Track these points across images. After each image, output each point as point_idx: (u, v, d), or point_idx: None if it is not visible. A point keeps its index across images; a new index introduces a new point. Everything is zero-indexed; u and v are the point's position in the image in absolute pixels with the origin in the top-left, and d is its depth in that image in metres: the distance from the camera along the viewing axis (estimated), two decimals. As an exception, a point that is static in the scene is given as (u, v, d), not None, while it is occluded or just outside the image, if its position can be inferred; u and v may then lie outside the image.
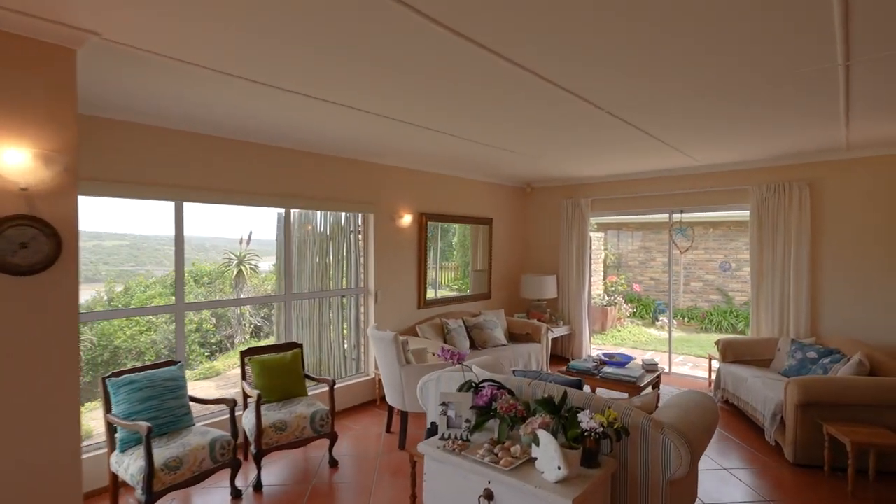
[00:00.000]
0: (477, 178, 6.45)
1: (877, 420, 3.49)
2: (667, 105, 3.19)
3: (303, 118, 3.53)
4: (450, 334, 5.34)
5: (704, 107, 3.23)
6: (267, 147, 4.20)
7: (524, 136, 4.09)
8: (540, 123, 3.67)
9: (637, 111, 3.34)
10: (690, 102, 3.14)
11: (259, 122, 3.64)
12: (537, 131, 3.93)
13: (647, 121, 3.57)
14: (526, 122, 3.65)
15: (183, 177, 3.70)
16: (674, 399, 2.92)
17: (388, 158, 5.13)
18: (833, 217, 4.95)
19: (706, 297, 10.75)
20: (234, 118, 3.52)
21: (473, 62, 2.44)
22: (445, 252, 6.79)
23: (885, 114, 3.47)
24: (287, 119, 3.55)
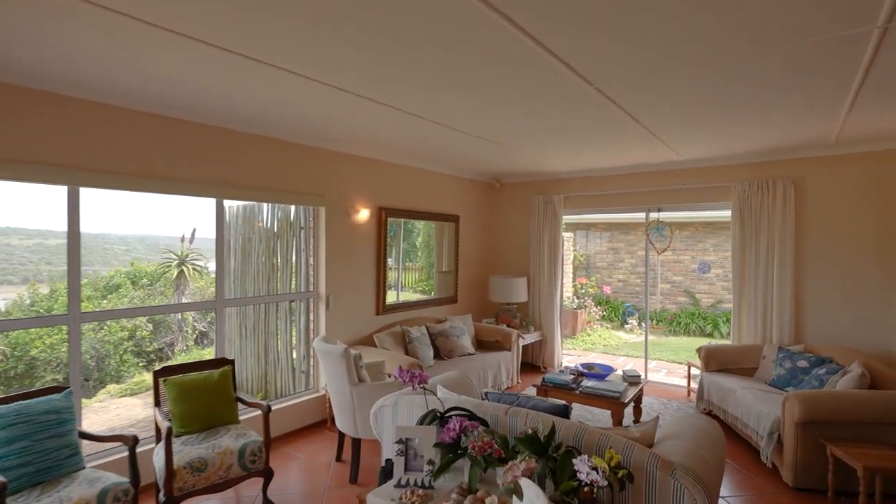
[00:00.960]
0: (443, 170, 5.91)
1: (880, 438, 3.16)
2: (654, 78, 2.74)
3: (237, 86, 2.88)
4: (412, 343, 4.76)
5: (695, 84, 2.80)
6: (193, 125, 3.51)
7: (494, 117, 3.58)
8: (513, 99, 3.16)
9: (621, 84, 2.87)
10: (680, 78, 2.70)
11: (179, 92, 2.97)
12: (510, 111, 3.42)
13: (631, 98, 3.12)
14: (498, 97, 3.13)
15: (78, 156, 2.98)
16: (675, 427, 2.46)
17: (343, 144, 4.52)
18: (818, 216, 4.69)
19: (674, 300, 10.61)
20: (146, 84, 2.84)
21: (438, 17, 1.89)
22: (410, 253, 6.22)
23: (893, 100, 3.16)
24: (216, 87, 2.90)
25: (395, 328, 4.86)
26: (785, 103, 3.19)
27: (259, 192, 3.93)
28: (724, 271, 10.19)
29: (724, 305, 10.08)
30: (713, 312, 9.93)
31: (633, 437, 2.28)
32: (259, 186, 3.94)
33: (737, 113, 3.42)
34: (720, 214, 9.74)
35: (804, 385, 3.81)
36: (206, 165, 3.58)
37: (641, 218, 10.72)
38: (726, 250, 10.19)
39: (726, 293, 10.17)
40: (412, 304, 5.52)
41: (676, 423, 2.53)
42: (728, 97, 3.04)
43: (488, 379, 5.05)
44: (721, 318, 9.60)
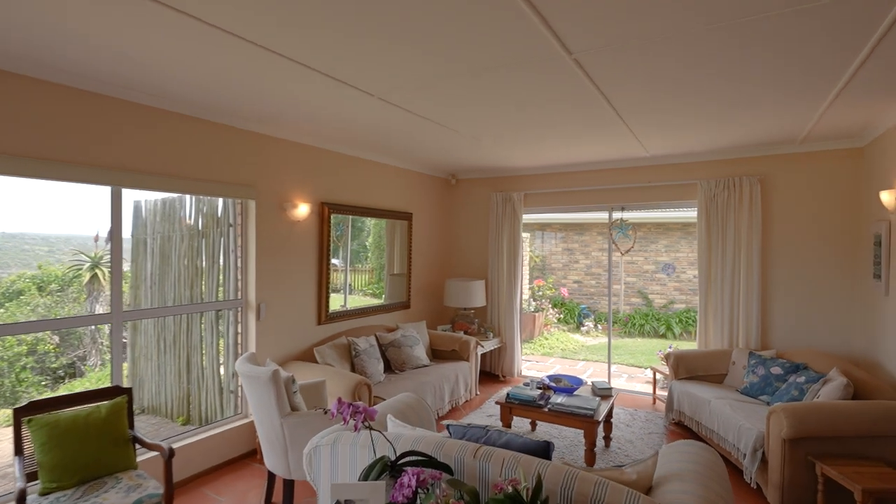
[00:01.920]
0: (395, 163, 5.36)
1: (867, 452, 2.93)
2: (638, 54, 2.36)
3: (133, 42, 2.22)
4: (358, 357, 4.19)
5: (676, 72, 2.44)
6: (86, 95, 2.79)
7: (452, 96, 3.10)
8: (473, 67, 2.69)
9: (605, 57, 2.47)
10: (666, 58, 2.33)
11: (66, 51, 2.27)
12: (469, 85, 2.95)
13: (610, 76, 2.73)
14: (456, 65, 2.64)
15: None
16: (674, 462, 2.06)
17: (277, 127, 3.88)
18: (783, 214, 4.55)
19: (628, 301, 10.57)
20: (24, 39, 2.13)
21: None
22: (360, 253, 5.63)
23: (881, 94, 2.95)
24: (114, 45, 2.23)
25: (340, 339, 4.27)
26: (776, 93, 2.91)
27: (172, 181, 3.23)
28: (674, 273, 10.24)
29: (676, 306, 10.14)
30: (665, 313, 9.95)
31: (628, 482, 1.86)
32: (172, 174, 3.24)
33: (716, 103, 3.11)
34: (672, 216, 9.78)
35: (781, 394, 3.58)
36: (99, 146, 2.86)
37: (596, 218, 10.67)
38: (678, 251, 10.26)
39: (678, 294, 10.24)
40: (359, 312, 4.93)
41: (672, 455, 2.13)
42: (708, 89, 2.71)
43: (445, 394, 4.55)
44: (674, 319, 9.62)
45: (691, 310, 9.88)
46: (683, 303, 10.11)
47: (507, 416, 3.65)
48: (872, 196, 3.90)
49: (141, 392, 4.82)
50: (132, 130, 3.03)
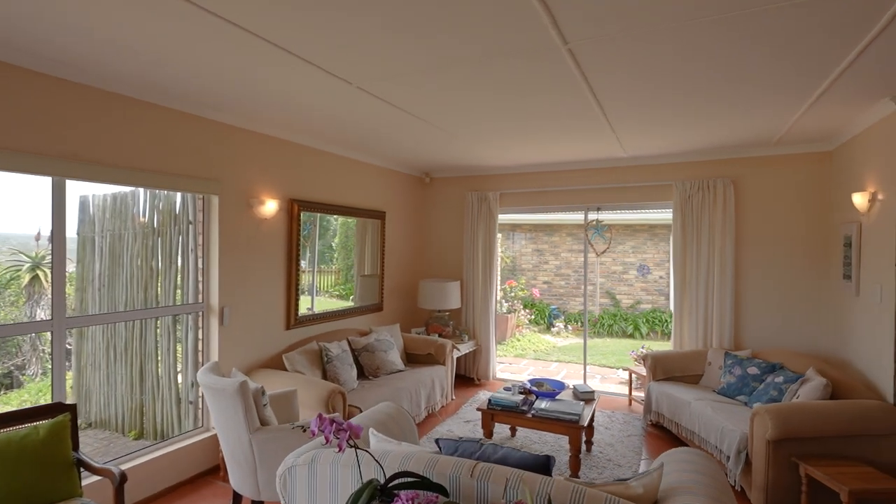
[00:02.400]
0: (368, 160, 5.14)
1: (846, 451, 2.96)
2: (630, 48, 2.27)
3: (86, 19, 1.94)
4: (331, 363, 3.96)
5: (673, 71, 2.38)
6: (20, 72, 2.45)
7: (435, 89, 2.93)
8: (465, 58, 2.54)
9: (595, 47, 2.37)
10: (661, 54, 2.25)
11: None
12: (457, 75, 2.80)
13: (599, 68, 2.64)
14: (446, 54, 2.48)
15: None
16: (678, 472, 1.96)
17: (244, 117, 3.60)
18: (755, 216, 4.62)
19: (595, 301, 10.68)
20: None
21: None
22: (325, 254, 5.37)
23: (860, 97, 2.98)
24: (49, 10, 1.93)
25: (310, 345, 4.02)
26: (752, 95, 2.90)
27: (124, 173, 2.92)
28: (641, 274, 10.42)
29: (643, 306, 10.31)
30: (633, 314, 10.10)
31: (635, 496, 1.74)
32: (124, 165, 2.93)
33: (703, 98, 3.08)
34: (639, 217, 9.93)
35: (760, 394, 3.60)
36: (38, 132, 2.53)
37: (566, 219, 10.73)
38: (644, 252, 10.44)
39: (644, 294, 10.41)
40: (330, 315, 4.68)
41: (673, 465, 2.04)
42: (698, 84, 2.66)
43: (421, 400, 4.38)
44: (641, 319, 9.77)
45: (657, 310, 10.08)
46: (650, 303, 10.30)
47: (488, 423, 3.51)
48: (842, 198, 3.99)
49: (88, 405, 4.40)
50: (77, 115, 2.70)
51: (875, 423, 2.93)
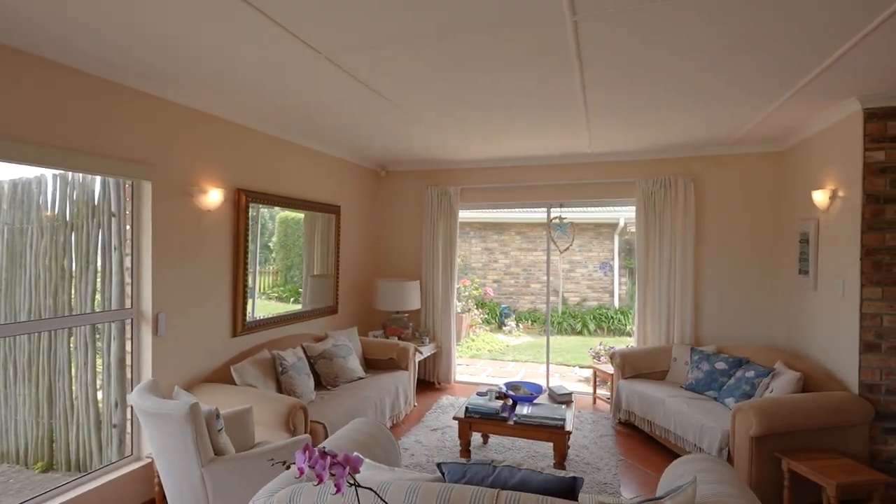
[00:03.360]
0: (322, 148, 4.71)
1: (821, 443, 3.01)
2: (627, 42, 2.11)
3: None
4: (286, 374, 3.52)
5: (667, 60, 2.25)
6: None
7: (411, 59, 2.63)
8: (454, 28, 2.27)
9: (603, 24, 2.19)
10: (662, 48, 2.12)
11: None
12: (438, 49, 2.52)
13: (597, 48, 2.47)
14: (429, 22, 2.20)
15: None
16: (705, 483, 1.80)
17: (185, 90, 3.09)
18: (713, 214, 4.72)
19: (544, 299, 10.76)
20: None
21: None
22: (260, 254, 4.85)
23: (827, 98, 3.04)
24: None
25: (261, 353, 3.56)
26: (730, 90, 2.88)
27: (25, 150, 2.35)
28: (587, 270, 10.64)
29: (589, 303, 10.52)
30: (580, 311, 10.28)
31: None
32: (32, 140, 2.36)
33: (687, 91, 3.01)
34: (585, 216, 10.09)
35: (731, 389, 3.61)
36: None
37: (516, 217, 10.72)
38: (590, 250, 10.66)
39: (590, 291, 10.63)
40: (282, 319, 4.22)
41: (702, 476, 1.88)
42: (687, 74, 2.57)
43: (386, 409, 4.04)
44: (588, 316, 9.95)
45: (603, 306, 10.32)
46: (595, 300, 10.53)
47: (466, 433, 3.25)
48: (797, 197, 4.13)
49: (-23, 435, 3.65)
50: (-35, 73, 2.13)
51: (848, 416, 3.00)
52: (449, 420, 4.42)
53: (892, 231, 3.11)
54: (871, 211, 3.14)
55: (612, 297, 10.53)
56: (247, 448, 2.55)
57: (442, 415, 4.59)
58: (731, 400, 3.52)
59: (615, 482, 3.30)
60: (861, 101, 3.10)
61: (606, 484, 3.27)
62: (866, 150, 3.14)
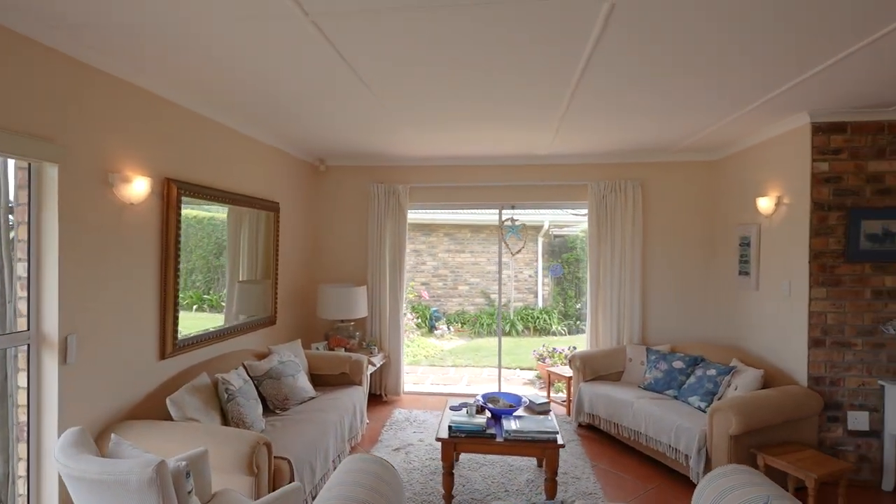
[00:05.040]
0: (258, 135, 4.10)
1: (785, 436, 3.19)
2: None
3: None
4: (233, 401, 2.95)
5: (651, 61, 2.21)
6: None
7: (400, 31, 2.31)
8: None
9: (638, 12, 2.05)
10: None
11: None
12: (432, 20, 2.22)
13: (622, 38, 2.35)
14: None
15: None
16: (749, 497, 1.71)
17: (105, 51, 2.43)
18: (658, 218, 4.91)
19: (472, 301, 10.74)
20: None
21: None
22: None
23: (780, 111, 3.25)
24: None
25: (199, 378, 2.94)
26: (700, 97, 2.98)
27: None
28: (513, 272, 10.81)
29: (515, 304, 10.69)
30: (506, 312, 10.40)
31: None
32: None
33: (661, 95, 3.03)
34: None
35: (693, 387, 3.72)
36: None
37: (444, 219, 10.56)
38: (506, 251, 10.83)
39: (516, 293, 10.81)
40: (215, 336, 3.57)
41: (741, 488, 1.79)
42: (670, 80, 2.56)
43: (345, 432, 3.59)
44: (516, 317, 10.09)
45: (528, 307, 10.54)
46: (521, 301, 10.72)
47: (450, 454, 2.96)
48: (735, 203, 4.42)
49: None
50: None
51: (806, 408, 3.21)
52: (409, 437, 4.09)
53: (835, 236, 3.39)
54: (818, 217, 3.40)
55: (536, 297, 10.81)
56: (205, 503, 2.02)
57: (399, 431, 4.23)
58: (696, 398, 3.62)
59: (597, 491, 3.22)
60: (811, 115, 3.35)
61: (591, 494, 3.17)
62: (814, 161, 3.40)
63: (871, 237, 3.35)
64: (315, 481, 2.97)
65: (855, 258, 3.36)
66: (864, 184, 3.37)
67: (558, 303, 10.41)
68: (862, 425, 3.37)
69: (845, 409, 3.39)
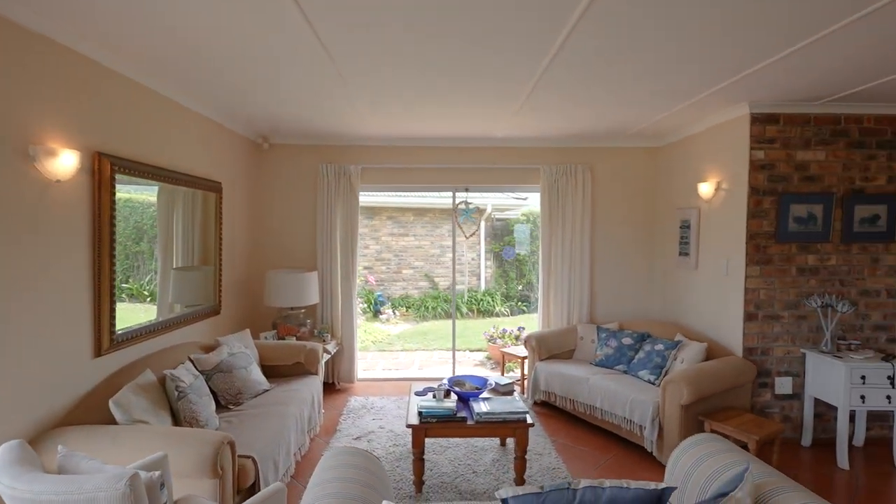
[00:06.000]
0: (198, 108, 3.73)
1: (724, 403, 3.46)
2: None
3: None
4: (185, 399, 2.71)
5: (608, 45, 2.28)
6: None
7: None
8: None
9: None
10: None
11: None
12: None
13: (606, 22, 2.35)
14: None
15: None
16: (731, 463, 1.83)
17: (24, 2, 2.06)
18: (605, 202, 5.11)
19: (416, 285, 10.69)
20: None
21: None
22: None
23: (723, 101, 3.45)
24: None
25: (143, 376, 2.66)
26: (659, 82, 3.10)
27: None
28: (458, 255, 10.86)
29: (458, 287, 10.77)
30: (450, 294, 10.46)
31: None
32: None
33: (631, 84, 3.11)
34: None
35: (643, 362, 3.94)
36: None
37: (386, 202, 10.36)
38: (460, 234, 10.88)
39: (459, 275, 10.89)
40: (157, 328, 3.25)
41: (715, 455, 1.91)
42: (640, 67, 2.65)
43: (305, 424, 3.44)
44: (459, 299, 10.18)
45: (471, 289, 10.66)
46: (464, 283, 10.83)
47: (420, 440, 2.92)
48: (676, 188, 4.69)
49: None
50: None
51: (743, 376, 3.50)
52: (369, 424, 4.01)
53: (768, 218, 3.69)
54: (754, 202, 3.68)
55: (479, 280, 10.96)
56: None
57: (358, 420, 4.13)
58: (645, 372, 3.84)
59: (561, 465, 3.34)
60: (750, 106, 3.59)
61: (556, 469, 3.28)
62: (752, 150, 3.66)
63: (798, 220, 3.68)
64: (279, 477, 2.82)
65: (784, 239, 3.69)
66: (793, 171, 3.68)
67: (501, 285, 10.63)
68: (786, 389, 3.75)
69: (773, 376, 3.75)
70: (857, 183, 3.69)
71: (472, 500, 2.84)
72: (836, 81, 3.07)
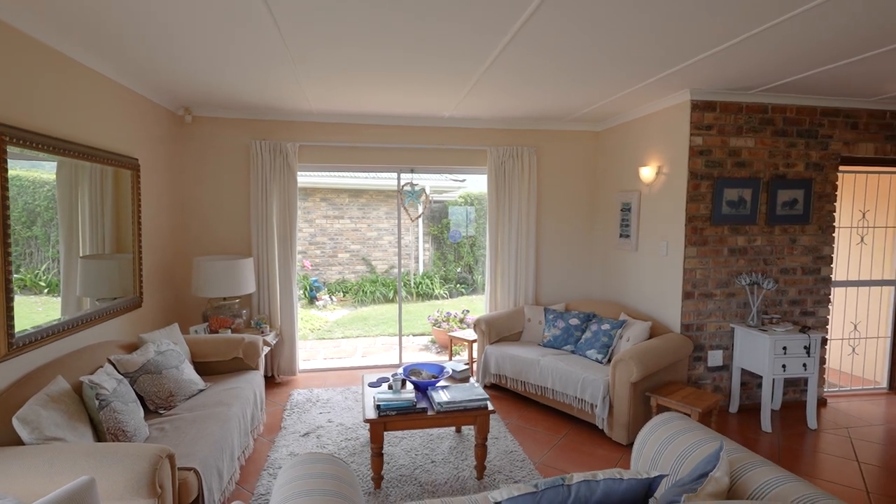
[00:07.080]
0: (112, 74, 3.23)
1: (665, 378, 3.65)
2: None
3: None
4: (108, 408, 2.36)
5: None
6: None
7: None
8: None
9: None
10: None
11: None
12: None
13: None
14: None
15: None
16: (701, 441, 1.89)
17: None
18: (549, 184, 5.16)
19: (353, 269, 10.37)
20: None
21: None
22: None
23: (665, 88, 3.55)
24: None
25: (54, 385, 2.28)
26: (608, 71, 3.09)
27: None
28: (395, 237, 10.66)
29: (395, 270, 10.60)
30: (388, 278, 10.28)
31: (726, 488, 1.57)
32: None
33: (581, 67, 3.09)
34: (390, 184, 9.99)
35: (590, 342, 4.05)
36: None
37: (320, 182, 9.88)
38: (405, 217, 10.67)
39: (396, 258, 10.71)
40: (67, 326, 2.81)
41: (682, 434, 1.97)
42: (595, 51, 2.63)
43: (248, 424, 3.17)
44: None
45: (407, 273, 10.54)
46: (404, 267, 10.66)
47: (379, 435, 2.78)
48: (616, 171, 4.82)
49: None
50: None
51: (682, 352, 3.70)
52: (316, 419, 3.80)
53: (704, 202, 3.89)
54: (693, 185, 3.85)
55: (416, 263, 10.84)
56: (101, 545, 1.57)
57: (303, 414, 3.90)
58: (593, 351, 3.95)
59: (517, 448, 3.35)
60: (691, 93, 3.73)
61: (512, 452, 3.29)
62: (691, 135, 3.82)
63: (730, 203, 3.91)
64: (223, 486, 2.57)
65: (717, 221, 3.90)
66: (727, 157, 3.89)
67: (439, 267, 10.59)
68: (717, 362, 4.02)
69: (706, 350, 4.00)
70: (780, 169, 3.98)
71: (434, 494, 2.77)
72: (765, 72, 3.25)
